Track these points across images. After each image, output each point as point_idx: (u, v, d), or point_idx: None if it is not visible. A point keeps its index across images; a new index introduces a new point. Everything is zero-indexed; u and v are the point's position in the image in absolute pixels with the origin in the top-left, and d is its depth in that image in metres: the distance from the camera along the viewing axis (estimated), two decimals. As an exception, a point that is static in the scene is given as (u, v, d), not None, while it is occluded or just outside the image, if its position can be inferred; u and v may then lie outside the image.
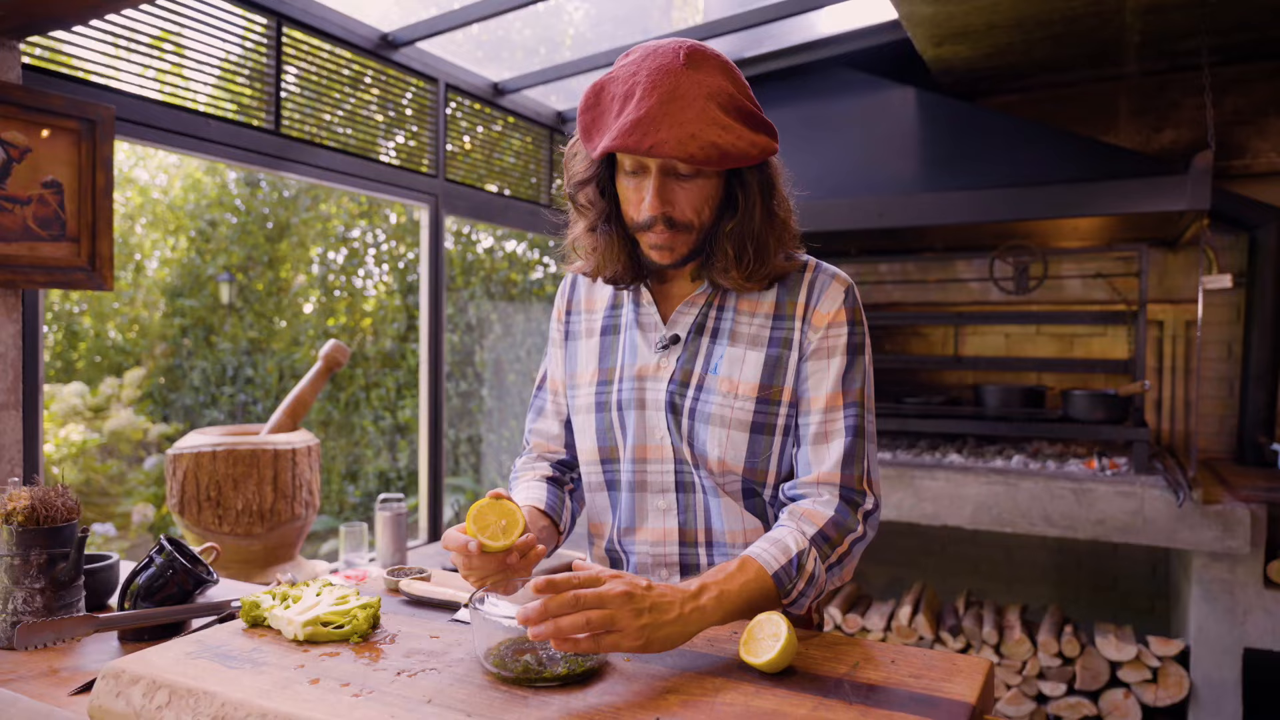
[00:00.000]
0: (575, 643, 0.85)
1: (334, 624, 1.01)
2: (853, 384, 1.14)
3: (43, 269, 1.86)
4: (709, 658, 0.96)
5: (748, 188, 1.11)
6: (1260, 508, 2.63)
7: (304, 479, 2.02)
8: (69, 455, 6.08)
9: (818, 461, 1.12)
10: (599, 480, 1.24)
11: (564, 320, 1.32)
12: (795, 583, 1.04)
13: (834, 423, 1.13)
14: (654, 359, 1.19)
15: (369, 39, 2.86)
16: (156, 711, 0.88)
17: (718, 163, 1.03)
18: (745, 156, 1.05)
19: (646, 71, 1.04)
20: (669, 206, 1.08)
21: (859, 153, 3.27)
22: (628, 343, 1.23)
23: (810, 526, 1.08)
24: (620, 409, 1.21)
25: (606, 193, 1.15)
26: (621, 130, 1.01)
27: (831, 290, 1.16)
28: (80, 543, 1.25)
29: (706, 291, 1.19)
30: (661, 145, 1.00)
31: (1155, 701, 2.76)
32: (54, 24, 1.79)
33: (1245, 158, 3.37)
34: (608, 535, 1.25)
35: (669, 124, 1.00)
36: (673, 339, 1.19)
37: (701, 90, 1.02)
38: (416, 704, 0.83)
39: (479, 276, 6.91)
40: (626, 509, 1.21)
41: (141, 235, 7.23)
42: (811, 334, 1.15)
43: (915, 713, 0.83)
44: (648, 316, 1.22)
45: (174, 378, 7.06)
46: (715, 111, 1.02)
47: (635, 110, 1.01)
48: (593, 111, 1.08)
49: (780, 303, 1.17)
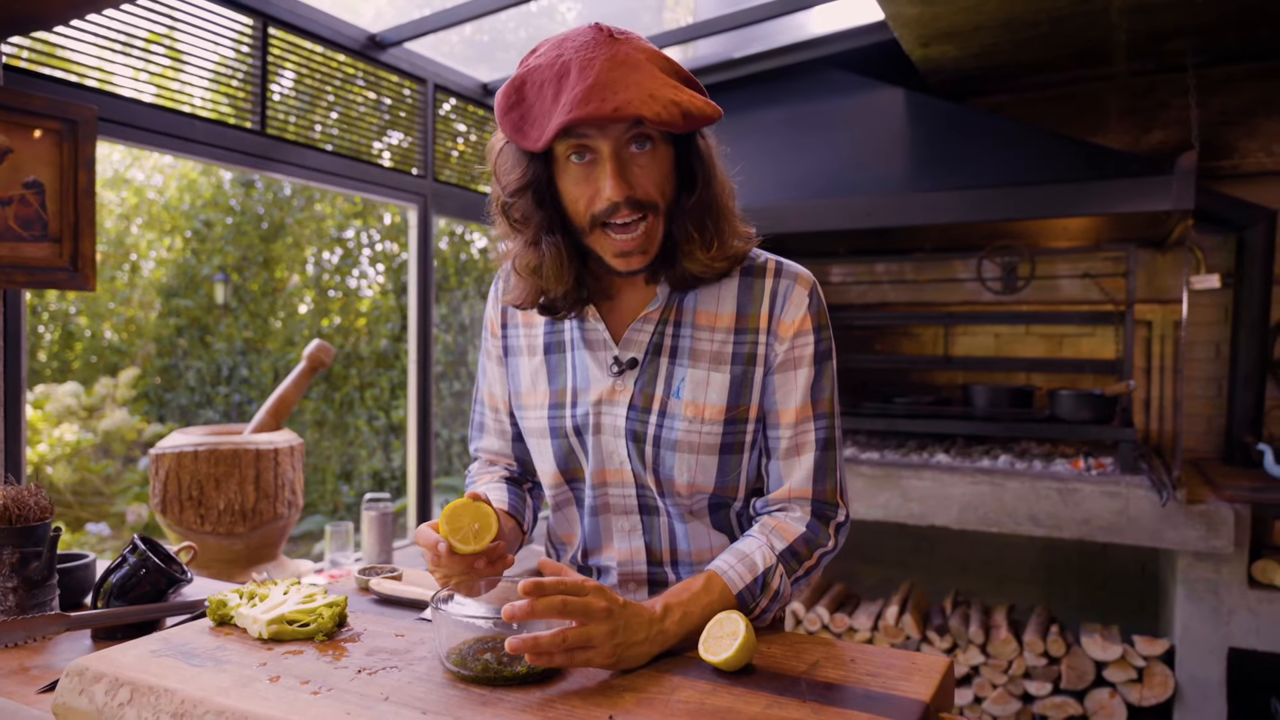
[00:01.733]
0: (550, 658, 0.86)
1: (299, 622, 1.02)
2: (821, 394, 1.11)
3: (24, 269, 1.87)
4: (671, 656, 0.97)
5: (702, 158, 1.05)
6: (1244, 507, 2.63)
7: (286, 479, 2.03)
8: (63, 455, 6.09)
9: (789, 475, 1.11)
10: (564, 498, 1.22)
11: (500, 335, 1.24)
12: (759, 600, 1.04)
13: (804, 435, 1.10)
14: (608, 382, 1.12)
15: (356, 40, 2.87)
16: (118, 709, 0.89)
17: (682, 124, 0.96)
18: (704, 116, 0.98)
19: (573, 48, 0.97)
20: (630, 188, 0.99)
21: (847, 153, 3.27)
22: (576, 363, 1.15)
23: (780, 541, 1.07)
24: (578, 434, 1.14)
25: (545, 199, 1.04)
26: (575, 102, 0.92)
27: (795, 296, 1.10)
28: (53, 542, 1.26)
29: (659, 306, 1.11)
30: (626, 105, 0.92)
31: (1141, 701, 2.76)
32: (34, 24, 1.79)
33: (1234, 158, 3.38)
34: (576, 548, 1.23)
35: (624, 86, 0.93)
36: (630, 362, 1.11)
37: (641, 54, 0.97)
38: (374, 701, 0.84)
39: (472, 277, 6.92)
40: (591, 529, 1.19)
41: (137, 235, 7.24)
42: (778, 345, 1.10)
43: (868, 710, 0.83)
44: (595, 333, 1.13)
45: (169, 377, 7.07)
46: (660, 74, 0.97)
47: (581, 80, 0.93)
48: (519, 108, 0.99)
49: (742, 315, 1.10)
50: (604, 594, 0.91)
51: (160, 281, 7.14)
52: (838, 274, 4.08)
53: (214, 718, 0.83)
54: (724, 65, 3.68)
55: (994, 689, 2.91)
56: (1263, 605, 2.66)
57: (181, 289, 7.06)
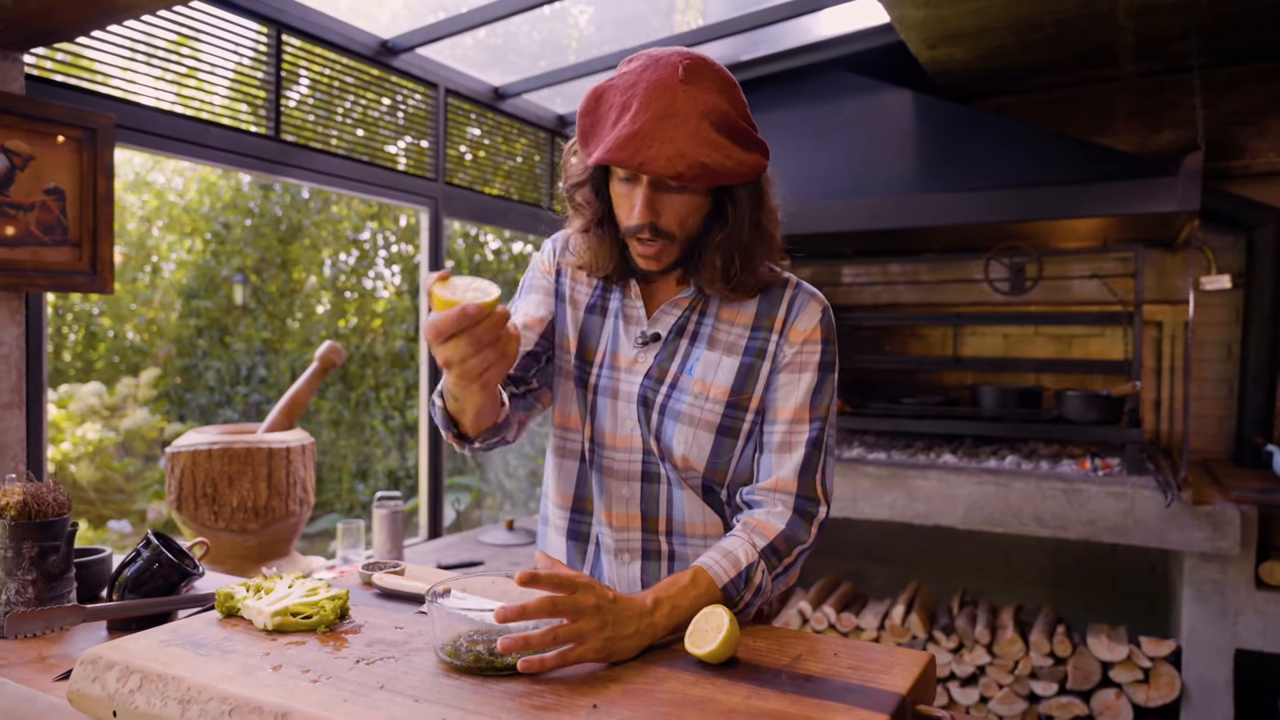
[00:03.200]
0: (541, 659, 0.90)
1: (302, 614, 1.06)
2: (820, 400, 1.19)
3: (45, 273, 1.93)
4: (659, 649, 1.00)
5: (737, 203, 1.15)
6: (1251, 509, 2.63)
7: (298, 476, 2.08)
8: (86, 453, 6.21)
9: (778, 467, 1.17)
10: (565, 447, 1.28)
11: (553, 277, 1.32)
12: (743, 594, 1.10)
13: (798, 434, 1.18)
14: (633, 353, 1.23)
15: (369, 46, 2.92)
16: (129, 695, 0.93)
17: (705, 180, 1.07)
18: (733, 175, 1.08)
19: (645, 84, 1.06)
20: (656, 216, 1.11)
21: (856, 155, 3.29)
22: (611, 330, 1.26)
23: (761, 539, 1.13)
24: (596, 393, 1.25)
25: (601, 195, 1.18)
26: (615, 144, 1.05)
27: (810, 308, 1.21)
28: (70, 537, 1.31)
29: (691, 295, 1.23)
30: (651, 162, 1.04)
31: (1147, 702, 2.76)
32: (55, 37, 1.85)
33: (1244, 158, 3.37)
34: (571, 508, 1.29)
35: (660, 141, 1.03)
36: (653, 336, 1.23)
37: (697, 108, 1.05)
38: (369, 689, 0.87)
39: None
40: (592, 489, 1.26)
41: (158, 238, 7.36)
42: (787, 347, 1.20)
43: (845, 701, 0.86)
44: (633, 309, 1.25)
45: (189, 377, 7.18)
46: (708, 130, 1.05)
47: (630, 124, 1.04)
48: (591, 117, 1.11)
49: (760, 315, 1.21)
50: (594, 589, 0.95)
51: (181, 283, 7.26)
52: (847, 275, 4.09)
53: (218, 704, 0.87)
54: (733, 68, 3.70)
55: (1000, 689, 2.92)
56: (1270, 606, 2.65)
57: (201, 290, 7.17)
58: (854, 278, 4.08)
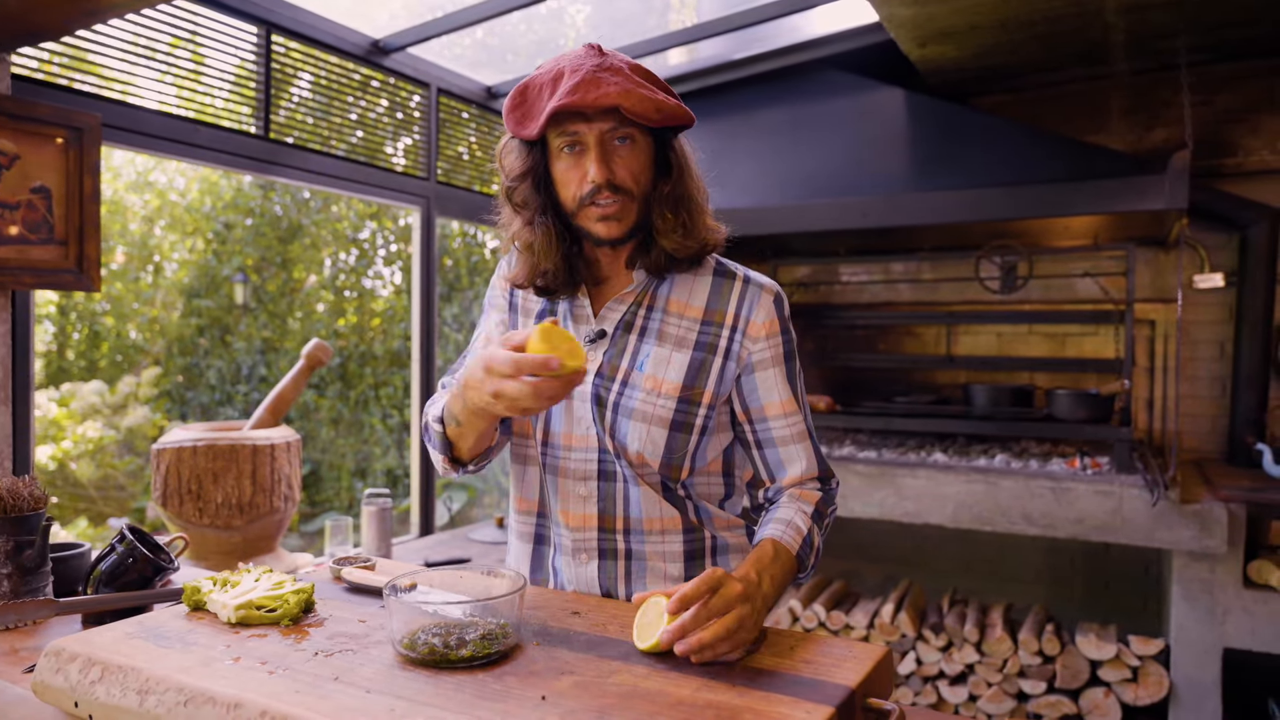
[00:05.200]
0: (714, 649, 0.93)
1: (266, 607, 1.07)
2: (797, 386, 1.26)
3: (32, 271, 1.94)
4: (619, 644, 1.00)
5: (677, 152, 1.21)
6: (1239, 507, 2.62)
7: (283, 473, 2.09)
8: (87, 451, 6.24)
9: (793, 461, 1.25)
10: (525, 454, 1.29)
11: (507, 291, 1.34)
12: (809, 559, 1.18)
13: (795, 425, 1.25)
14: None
15: (360, 45, 2.93)
16: (90, 686, 0.94)
17: (656, 117, 1.12)
18: (675, 115, 1.14)
19: (570, 59, 1.15)
20: (611, 174, 1.14)
21: (847, 153, 3.29)
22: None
23: (809, 506, 1.22)
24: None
25: (541, 185, 1.19)
26: (565, 93, 1.09)
27: (763, 301, 1.24)
28: (45, 531, 1.32)
29: (636, 290, 1.24)
30: (604, 97, 1.08)
31: (1135, 700, 2.76)
32: (39, 37, 1.86)
33: (1238, 156, 3.36)
34: (533, 513, 1.30)
35: (605, 84, 1.10)
36: (599, 334, 1.24)
37: (624, 64, 1.14)
38: (324, 681, 0.88)
39: (483, 277, 6.99)
40: (548, 491, 1.27)
41: (160, 237, 7.39)
42: (751, 344, 1.22)
43: (793, 694, 0.87)
44: (581, 309, 1.26)
45: (191, 376, 7.21)
46: (638, 79, 1.14)
47: (571, 79, 1.10)
48: (522, 107, 1.15)
49: (710, 309, 1.23)
50: (730, 577, 0.99)
51: (182, 282, 7.29)
52: (841, 273, 4.10)
53: (174, 694, 0.88)
54: (725, 66, 3.71)
55: (989, 687, 2.92)
56: (1258, 605, 2.65)
57: (203, 289, 7.20)
58: (847, 276, 4.08)
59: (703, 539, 1.26)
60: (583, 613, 1.12)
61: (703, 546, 1.26)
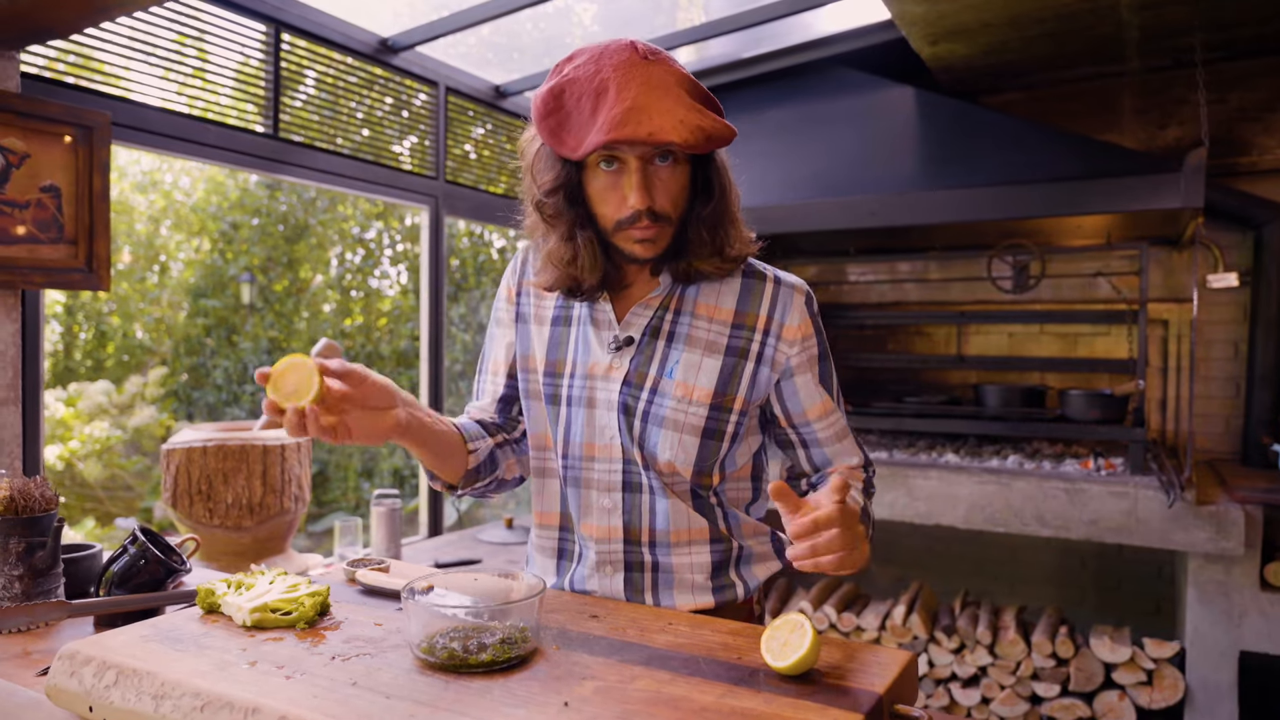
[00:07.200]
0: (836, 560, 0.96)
1: (281, 610, 1.05)
2: (833, 384, 1.26)
3: (41, 270, 1.93)
4: (640, 649, 0.99)
5: (719, 172, 1.16)
6: (1256, 509, 2.60)
7: (293, 474, 2.08)
8: (94, 451, 6.25)
9: (839, 456, 1.26)
10: (544, 467, 1.26)
11: (514, 301, 1.30)
12: (869, 526, 1.16)
13: (837, 424, 1.26)
14: (606, 359, 1.19)
15: (368, 44, 2.92)
16: (105, 690, 0.93)
17: (705, 145, 1.06)
18: (722, 139, 1.08)
19: (612, 67, 1.05)
20: (651, 200, 1.08)
21: (857, 152, 3.27)
22: (580, 338, 1.22)
23: (858, 483, 1.23)
24: (569, 404, 1.21)
25: (576, 199, 1.13)
26: (613, 122, 1.01)
27: (795, 303, 1.20)
28: (57, 532, 1.31)
29: (662, 294, 1.19)
30: (660, 131, 1.02)
31: (1150, 704, 2.74)
32: (49, 34, 1.85)
33: (1252, 154, 3.33)
34: (556, 526, 1.27)
35: (658, 112, 1.03)
36: (626, 340, 1.18)
37: (671, 79, 1.06)
38: (342, 685, 0.87)
39: (490, 277, 6.99)
40: (570, 503, 1.23)
41: (166, 237, 7.40)
42: (787, 349, 1.19)
43: (821, 701, 0.85)
44: (602, 314, 1.21)
45: (197, 376, 7.22)
46: (688, 99, 1.07)
47: (620, 102, 1.02)
48: (556, 115, 1.07)
49: (741, 312, 1.19)
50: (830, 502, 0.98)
51: (189, 282, 7.29)
52: (851, 273, 4.08)
53: (190, 699, 0.87)
54: (734, 65, 3.69)
55: (1002, 690, 2.90)
56: (1275, 608, 2.62)
57: (209, 289, 7.21)
58: (858, 276, 4.06)
59: (730, 549, 1.24)
60: (601, 616, 1.10)
61: (729, 557, 1.24)
